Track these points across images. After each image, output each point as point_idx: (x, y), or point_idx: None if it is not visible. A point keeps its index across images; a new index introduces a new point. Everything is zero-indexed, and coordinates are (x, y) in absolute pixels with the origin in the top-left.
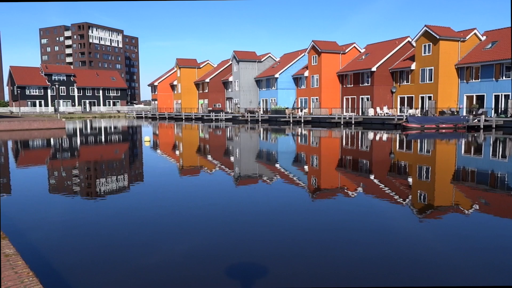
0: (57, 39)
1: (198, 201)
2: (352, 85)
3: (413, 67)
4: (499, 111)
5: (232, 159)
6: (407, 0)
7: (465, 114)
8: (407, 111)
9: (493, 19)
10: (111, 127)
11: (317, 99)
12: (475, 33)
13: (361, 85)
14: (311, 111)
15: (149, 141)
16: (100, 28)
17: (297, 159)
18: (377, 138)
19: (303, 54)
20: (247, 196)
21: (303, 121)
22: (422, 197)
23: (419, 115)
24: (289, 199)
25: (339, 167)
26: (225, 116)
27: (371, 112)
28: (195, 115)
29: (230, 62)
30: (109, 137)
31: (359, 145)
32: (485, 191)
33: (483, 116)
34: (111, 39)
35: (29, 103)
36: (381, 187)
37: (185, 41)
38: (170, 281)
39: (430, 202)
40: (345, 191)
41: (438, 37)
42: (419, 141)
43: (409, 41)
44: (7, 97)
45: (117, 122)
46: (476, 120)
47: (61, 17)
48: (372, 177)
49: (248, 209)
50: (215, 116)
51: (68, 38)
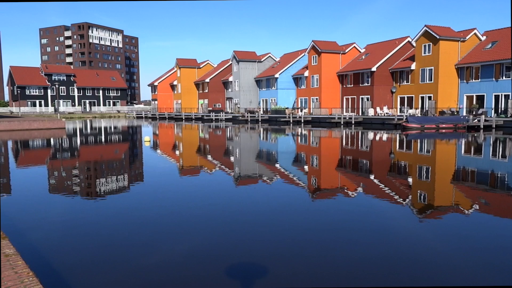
0: (57, 39)
1: (198, 201)
2: (352, 85)
3: (413, 67)
4: (499, 111)
5: (232, 159)
6: (407, 0)
7: (465, 114)
8: (407, 111)
9: (493, 19)
10: (111, 127)
11: (317, 99)
12: (475, 33)
13: (361, 85)
14: (311, 111)
15: (149, 141)
16: (100, 28)
17: (297, 159)
18: (377, 138)
19: (303, 54)
20: (247, 196)
21: (303, 121)
22: (422, 197)
23: (419, 115)
24: (289, 199)
25: (339, 167)
26: (225, 116)
27: (371, 112)
28: (195, 115)
29: (230, 62)
30: (109, 137)
31: (359, 145)
32: (485, 191)
33: (483, 116)
34: (111, 39)
35: (29, 103)
36: (381, 187)
37: (185, 41)
38: (170, 281)
39: (430, 202)
40: (345, 191)
41: (438, 37)
42: (419, 141)
43: (409, 41)
44: (7, 97)
45: (117, 122)
46: (476, 120)
47: (61, 17)
48: (372, 177)
49: (248, 209)
50: (215, 116)
51: (68, 38)
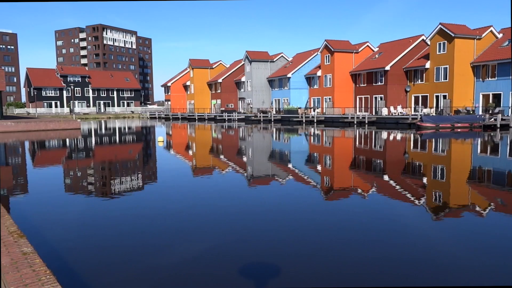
0: (72, 41)
1: (211, 201)
2: (365, 85)
3: (428, 65)
4: None
5: (244, 159)
6: None
7: (481, 113)
8: (422, 110)
9: (509, 16)
10: (125, 128)
11: (330, 98)
12: (491, 31)
13: (374, 84)
14: (324, 111)
15: (163, 141)
16: (114, 29)
17: (310, 159)
18: (391, 138)
19: (316, 53)
20: (260, 196)
21: (316, 121)
22: (437, 197)
23: (434, 115)
24: (302, 199)
25: (353, 167)
26: (238, 116)
27: (384, 111)
28: (208, 115)
29: (242, 62)
30: (123, 137)
31: (373, 145)
32: (502, 191)
33: (500, 115)
34: (125, 41)
35: (45, 104)
36: (395, 187)
37: (198, 41)
38: (184, 280)
39: (445, 202)
40: (359, 191)
41: (453, 35)
42: (434, 140)
43: (423, 39)
44: (24, 98)
45: (131, 122)
46: (492, 119)
47: (76, 19)
48: (386, 177)
49: (261, 209)
50: (228, 116)
51: (83, 39)
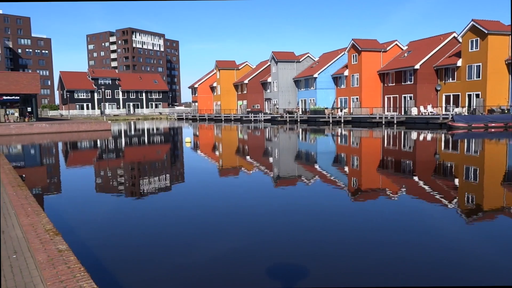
0: (103, 44)
1: (238, 201)
2: (394, 84)
3: (459, 63)
4: None
5: (271, 159)
6: None
7: None
8: (453, 109)
9: None
10: (153, 129)
11: (357, 98)
12: None
13: (403, 83)
14: (351, 111)
15: (190, 142)
16: (142, 33)
17: (336, 159)
18: (421, 138)
19: (343, 53)
20: (288, 196)
21: (343, 121)
22: (469, 199)
23: (466, 114)
24: (329, 200)
25: (381, 168)
26: (264, 117)
27: (414, 111)
28: (234, 116)
29: (268, 63)
30: (152, 138)
31: (402, 146)
32: None
33: None
34: (153, 43)
35: (78, 106)
36: (425, 189)
37: (224, 43)
38: (212, 279)
39: (478, 205)
40: (387, 192)
41: (486, 32)
42: (466, 141)
43: (454, 36)
44: (57, 101)
45: (159, 123)
46: None
47: (107, 24)
48: (416, 178)
49: (288, 210)
50: (254, 117)
51: (113, 43)
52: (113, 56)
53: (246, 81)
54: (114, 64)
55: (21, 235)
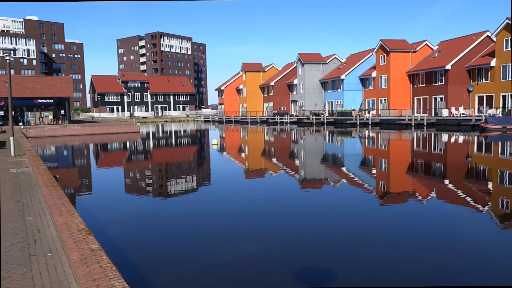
0: (132, 48)
1: (264, 203)
2: (423, 85)
3: (493, 63)
4: None
5: (297, 162)
6: None
7: None
8: (486, 111)
9: None
10: (180, 131)
11: (385, 100)
12: None
13: (433, 84)
14: (379, 113)
15: (217, 144)
16: (170, 36)
17: (364, 162)
18: (452, 140)
19: (371, 54)
20: (314, 199)
21: (370, 123)
22: (504, 204)
23: (500, 115)
24: (357, 203)
25: (410, 171)
26: (290, 119)
27: (445, 112)
28: (260, 118)
29: (295, 64)
30: (179, 140)
31: (432, 148)
32: None
33: None
34: (180, 47)
35: (108, 108)
36: (456, 192)
37: (250, 45)
38: (240, 280)
39: None
40: (417, 196)
41: None
42: (500, 143)
43: (488, 35)
44: (89, 104)
45: (186, 125)
46: None
47: (136, 28)
48: (446, 182)
49: (315, 212)
50: (280, 119)
51: (142, 47)
52: (142, 59)
53: (272, 83)
54: (143, 67)
55: (56, 234)
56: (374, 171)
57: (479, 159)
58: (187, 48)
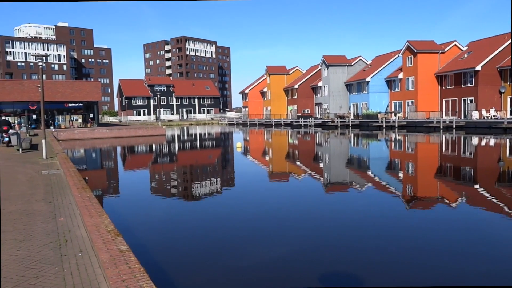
0: (158, 53)
1: (288, 206)
2: (452, 86)
3: None
4: None
5: (321, 165)
6: None
7: None
8: None
9: None
10: (205, 134)
11: (412, 102)
12: None
13: (463, 86)
14: (406, 115)
15: (241, 147)
16: (195, 40)
17: (390, 166)
18: (483, 143)
19: (397, 55)
20: (339, 202)
21: (397, 125)
22: None
23: None
24: (383, 208)
25: (438, 175)
26: (314, 121)
27: (475, 115)
28: (284, 121)
29: (319, 67)
30: (204, 143)
31: (462, 151)
32: None
33: None
34: (205, 50)
35: (135, 112)
36: (487, 197)
37: (274, 48)
38: (266, 281)
39: None
40: (446, 201)
41: None
42: None
43: None
44: (116, 107)
45: (210, 128)
46: None
47: (162, 32)
48: (476, 186)
49: (340, 216)
50: (304, 121)
51: (168, 51)
52: (168, 63)
53: (296, 86)
54: (168, 71)
55: (86, 235)
56: (401, 174)
57: None
58: (211, 51)
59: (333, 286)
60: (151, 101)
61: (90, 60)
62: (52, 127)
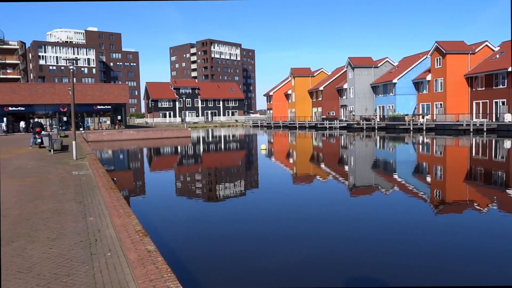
0: (184, 56)
1: (312, 209)
2: (483, 88)
3: None
4: None
5: (346, 168)
6: None
7: None
8: None
9: None
10: (229, 136)
11: (441, 104)
12: None
13: (495, 87)
14: (434, 118)
15: (265, 149)
16: (220, 43)
17: (418, 169)
18: None
19: (425, 56)
20: (365, 206)
21: (425, 128)
22: None
23: None
24: (409, 212)
25: (468, 179)
26: (339, 124)
27: (507, 117)
28: (308, 124)
29: (344, 69)
30: (228, 145)
31: (493, 155)
32: None
33: None
34: (230, 53)
35: (161, 114)
36: None
37: (299, 50)
38: (290, 283)
39: None
40: (476, 206)
41: None
42: None
43: None
44: (143, 109)
45: (235, 130)
46: None
47: (188, 35)
48: (510, 192)
49: (366, 219)
50: (329, 124)
51: (193, 54)
52: (193, 66)
53: (321, 88)
54: (194, 74)
55: (114, 235)
56: (428, 178)
57: None
58: (236, 54)
59: (352, 286)
60: (177, 103)
61: (118, 63)
62: (81, 129)
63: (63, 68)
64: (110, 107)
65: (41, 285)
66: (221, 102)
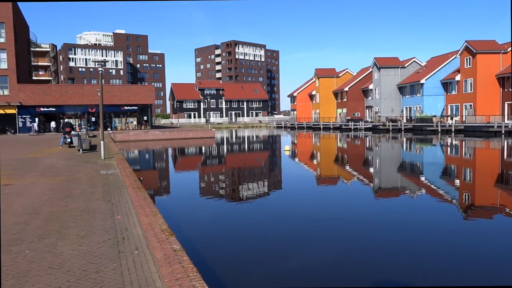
0: (209, 57)
1: (336, 211)
2: None
3: None
4: None
5: (371, 170)
6: None
7: None
8: None
9: None
10: (253, 137)
11: (471, 105)
12: None
13: None
14: (464, 119)
15: (289, 150)
16: (245, 44)
17: (446, 172)
18: None
19: (454, 56)
20: (389, 209)
21: (453, 130)
22: None
23: None
24: (437, 216)
25: (499, 183)
26: (365, 125)
27: None
28: (333, 125)
29: (370, 69)
30: (252, 146)
31: None
32: None
33: None
34: (254, 54)
35: (186, 115)
36: None
37: (323, 51)
38: (313, 283)
39: None
40: (506, 210)
41: None
42: None
43: None
44: (168, 110)
45: (258, 131)
46: None
47: (213, 37)
48: None
49: (389, 221)
50: (354, 125)
51: (218, 55)
52: (218, 67)
53: (346, 89)
54: (218, 75)
55: (141, 233)
56: (457, 181)
57: None
58: (260, 55)
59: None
60: (201, 104)
61: (144, 65)
62: (109, 129)
63: (91, 69)
64: (136, 107)
65: (71, 281)
66: (245, 103)
